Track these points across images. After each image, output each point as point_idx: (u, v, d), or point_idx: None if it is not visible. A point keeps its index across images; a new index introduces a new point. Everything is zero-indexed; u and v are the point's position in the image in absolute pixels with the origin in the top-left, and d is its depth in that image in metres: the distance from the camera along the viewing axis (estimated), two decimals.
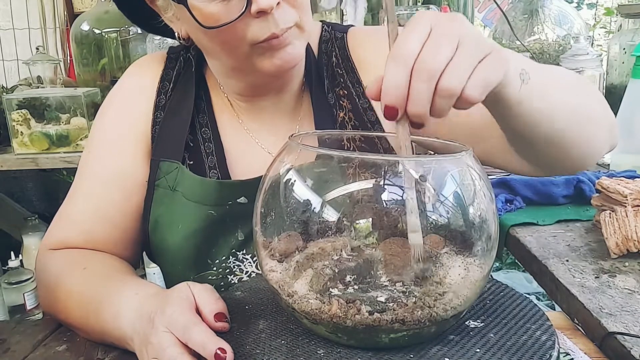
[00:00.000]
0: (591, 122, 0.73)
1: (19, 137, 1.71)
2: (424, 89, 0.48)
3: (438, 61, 0.48)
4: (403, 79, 0.48)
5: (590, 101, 0.73)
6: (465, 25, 0.50)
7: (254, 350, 0.54)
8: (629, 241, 0.84)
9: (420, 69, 0.48)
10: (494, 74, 0.51)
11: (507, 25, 1.79)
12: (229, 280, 0.81)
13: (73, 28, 2.06)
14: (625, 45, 1.71)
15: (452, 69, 0.48)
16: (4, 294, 1.87)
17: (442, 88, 0.48)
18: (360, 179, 0.54)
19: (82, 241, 0.81)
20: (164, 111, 0.84)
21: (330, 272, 0.54)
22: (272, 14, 0.67)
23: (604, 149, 0.78)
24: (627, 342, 0.63)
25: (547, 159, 0.76)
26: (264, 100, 0.84)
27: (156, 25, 0.82)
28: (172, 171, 0.80)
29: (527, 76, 0.59)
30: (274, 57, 0.71)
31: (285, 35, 0.70)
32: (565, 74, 0.74)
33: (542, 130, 0.66)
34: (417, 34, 0.49)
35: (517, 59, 0.61)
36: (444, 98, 0.49)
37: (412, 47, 0.48)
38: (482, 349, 0.53)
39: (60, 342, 0.72)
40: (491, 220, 0.55)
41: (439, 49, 0.48)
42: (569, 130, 0.69)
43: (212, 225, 0.79)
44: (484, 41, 0.51)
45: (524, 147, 0.74)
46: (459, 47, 0.49)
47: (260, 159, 0.80)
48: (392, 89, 0.48)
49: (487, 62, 0.50)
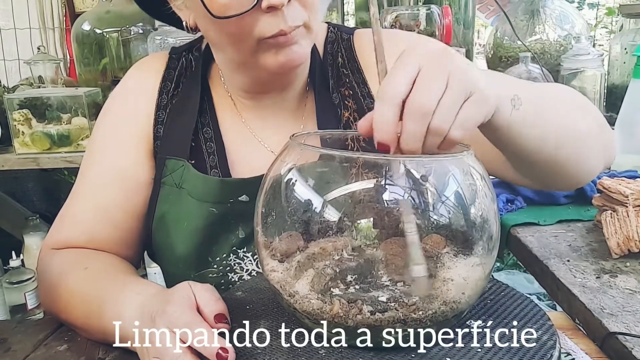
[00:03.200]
0: (585, 143, 0.73)
1: (20, 137, 1.71)
2: (417, 129, 0.49)
3: (429, 101, 0.49)
4: (392, 118, 0.50)
5: (586, 121, 0.74)
6: (455, 61, 0.51)
7: (255, 350, 0.54)
8: (630, 241, 0.84)
9: (413, 110, 0.49)
10: (477, 114, 0.52)
11: (508, 25, 1.79)
12: (229, 278, 0.81)
13: (74, 28, 2.06)
14: (627, 45, 1.71)
15: (442, 109, 0.49)
16: (5, 293, 1.87)
17: (433, 127, 0.50)
18: (362, 178, 0.54)
19: (84, 241, 0.81)
20: (165, 110, 0.84)
21: (331, 272, 0.54)
22: (282, 11, 0.67)
23: (598, 168, 0.79)
24: (629, 342, 0.63)
25: (542, 177, 0.77)
26: (267, 99, 0.84)
27: (165, 12, 0.82)
28: (178, 169, 0.81)
29: (519, 102, 0.60)
30: (279, 54, 0.71)
31: (293, 34, 0.70)
32: (562, 94, 0.74)
33: (533, 152, 0.67)
34: (406, 73, 0.50)
35: (511, 84, 0.62)
36: (434, 136, 0.50)
37: (400, 87, 0.50)
38: (483, 349, 0.53)
39: (61, 341, 0.72)
40: (492, 220, 0.55)
41: (430, 88, 0.49)
42: (561, 152, 0.70)
43: (213, 223, 0.79)
44: (471, 77, 0.51)
45: (517, 165, 0.74)
46: (447, 85, 0.50)
47: (263, 158, 0.81)
48: (383, 127, 0.50)
49: (472, 101, 0.51)
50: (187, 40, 0.92)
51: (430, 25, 1.59)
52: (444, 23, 1.59)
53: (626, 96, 1.29)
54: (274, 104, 0.84)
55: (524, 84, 0.67)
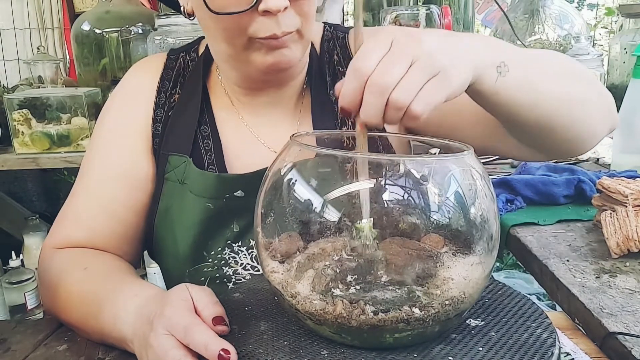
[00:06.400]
0: (583, 106, 0.73)
1: (19, 137, 1.71)
2: (375, 102, 0.53)
3: (390, 78, 0.53)
4: (357, 89, 0.54)
5: (582, 85, 0.74)
6: (422, 44, 0.54)
7: (256, 351, 0.54)
8: (629, 241, 0.84)
9: (372, 84, 0.53)
10: (438, 93, 0.55)
11: (507, 25, 1.79)
12: (224, 272, 0.82)
13: (74, 28, 2.06)
14: (626, 45, 1.71)
15: (402, 86, 0.53)
16: (5, 293, 1.87)
17: (391, 101, 0.53)
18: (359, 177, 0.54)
19: (86, 238, 0.81)
20: (163, 109, 0.85)
21: (331, 272, 0.54)
22: (277, 16, 0.69)
23: (601, 130, 0.79)
24: (628, 342, 0.63)
25: (541, 143, 0.77)
26: (263, 96, 0.85)
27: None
28: (180, 165, 0.82)
29: (505, 68, 0.62)
30: (269, 55, 0.73)
31: (285, 38, 0.72)
32: (556, 61, 0.74)
33: (525, 117, 0.69)
34: (377, 50, 0.54)
35: (501, 50, 0.64)
36: (393, 110, 0.53)
37: (370, 62, 0.53)
38: (485, 348, 0.53)
39: (61, 341, 0.72)
40: (492, 220, 0.55)
41: (393, 66, 0.53)
42: (557, 116, 0.71)
43: (209, 217, 0.80)
44: (437, 59, 0.54)
45: (514, 131, 0.76)
46: (412, 65, 0.53)
47: (259, 154, 0.82)
48: (347, 95, 0.54)
49: (435, 81, 0.54)
50: (187, 41, 0.94)
51: (429, 25, 1.59)
52: (443, 23, 1.59)
53: (626, 96, 1.29)
54: (270, 101, 0.85)
55: (516, 50, 0.69)
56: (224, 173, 0.82)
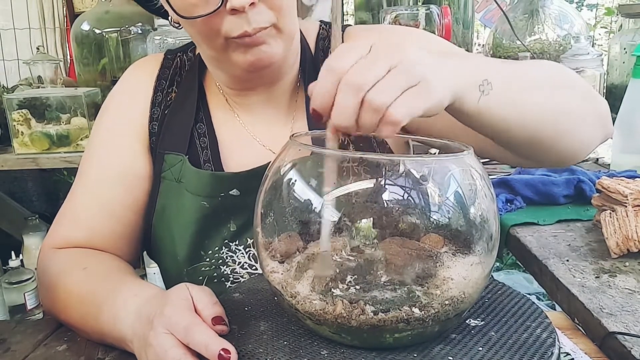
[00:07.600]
0: (570, 117, 0.72)
1: (19, 137, 1.71)
2: (348, 102, 0.49)
3: (365, 78, 0.49)
4: (330, 90, 0.50)
5: (570, 96, 0.72)
6: (403, 52, 0.51)
7: (256, 350, 0.54)
8: (629, 241, 0.84)
9: (346, 83, 0.49)
10: (418, 103, 0.51)
11: (507, 25, 1.79)
12: (221, 271, 0.82)
13: (73, 28, 2.06)
14: (626, 45, 1.71)
15: (380, 87, 0.49)
16: (5, 293, 1.87)
17: (367, 101, 0.49)
18: (361, 178, 0.54)
19: (85, 237, 0.81)
20: (160, 107, 0.86)
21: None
22: (246, 13, 0.69)
23: (594, 140, 0.77)
24: (628, 342, 0.63)
25: (531, 154, 0.76)
26: (255, 95, 0.85)
27: (153, 7, 0.85)
28: (176, 164, 0.82)
29: (489, 87, 0.59)
30: (248, 53, 0.73)
31: (259, 35, 0.71)
32: (545, 74, 0.72)
33: (512, 133, 0.67)
34: (354, 51, 0.51)
35: (484, 68, 0.61)
36: (368, 112, 0.49)
37: (345, 61, 0.50)
38: (485, 347, 0.53)
39: (61, 341, 0.72)
40: (492, 220, 0.55)
41: (370, 67, 0.50)
42: (542, 130, 0.69)
43: (205, 216, 0.80)
44: (419, 69, 0.51)
45: (504, 145, 0.73)
46: (390, 71, 0.50)
47: (255, 152, 0.83)
48: (319, 95, 0.51)
49: (414, 90, 0.51)
50: (186, 41, 0.94)
51: (429, 25, 1.59)
52: (443, 23, 1.59)
53: (625, 96, 1.29)
54: (263, 99, 0.85)
55: (501, 65, 0.66)
56: (220, 171, 0.82)
